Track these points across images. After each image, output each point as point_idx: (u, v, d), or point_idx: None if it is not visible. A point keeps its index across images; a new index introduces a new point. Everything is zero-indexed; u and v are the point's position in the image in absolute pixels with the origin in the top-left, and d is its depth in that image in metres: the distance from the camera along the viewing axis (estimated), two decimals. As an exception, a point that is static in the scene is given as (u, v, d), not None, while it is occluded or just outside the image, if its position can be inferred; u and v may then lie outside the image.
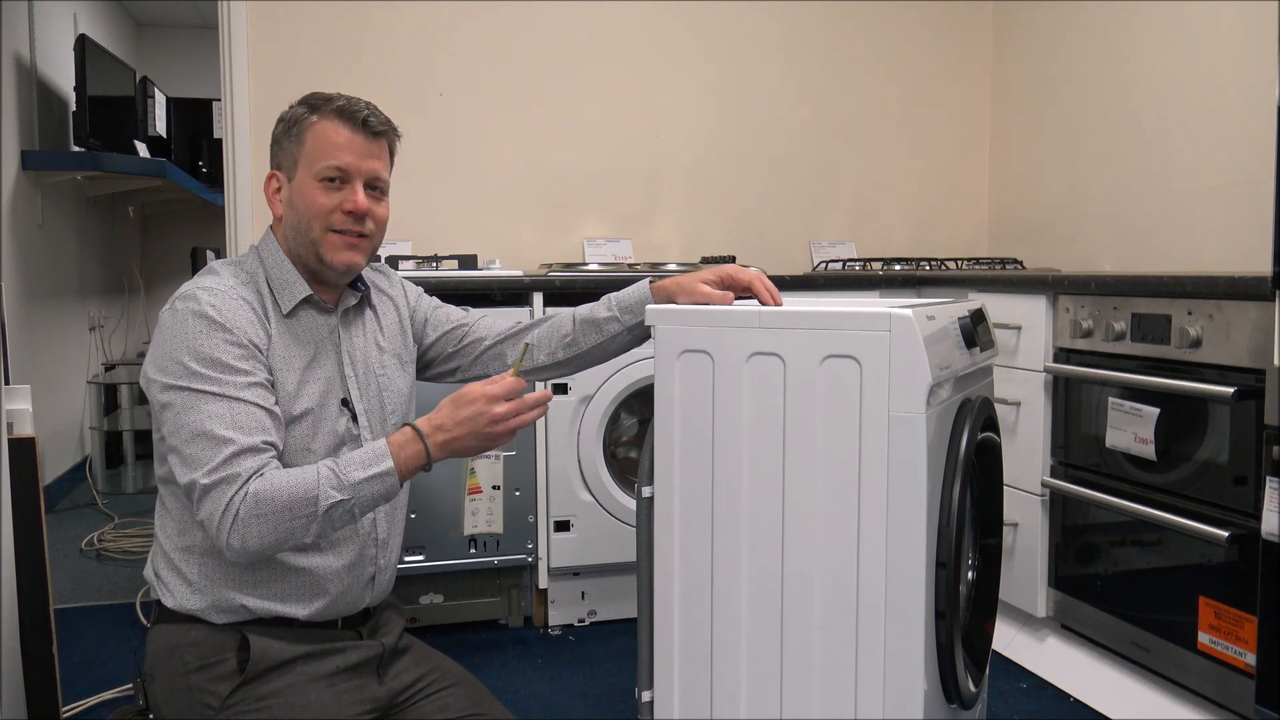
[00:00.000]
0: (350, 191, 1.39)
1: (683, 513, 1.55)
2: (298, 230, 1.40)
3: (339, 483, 1.27)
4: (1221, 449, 1.89)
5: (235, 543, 1.24)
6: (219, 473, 1.25)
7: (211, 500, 1.24)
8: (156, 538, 1.43)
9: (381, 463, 1.30)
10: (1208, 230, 2.61)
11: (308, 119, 1.39)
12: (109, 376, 4.70)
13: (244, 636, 1.34)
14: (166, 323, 1.33)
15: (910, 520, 1.37)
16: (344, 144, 1.38)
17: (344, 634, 1.43)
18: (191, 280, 1.38)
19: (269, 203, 1.44)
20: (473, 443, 1.35)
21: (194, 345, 1.29)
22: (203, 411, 1.27)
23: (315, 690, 1.34)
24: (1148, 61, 2.80)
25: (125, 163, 4.26)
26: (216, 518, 1.24)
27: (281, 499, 1.25)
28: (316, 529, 1.27)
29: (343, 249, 1.40)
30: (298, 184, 1.39)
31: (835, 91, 3.41)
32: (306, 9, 2.91)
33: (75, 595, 2.94)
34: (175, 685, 1.33)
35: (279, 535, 1.25)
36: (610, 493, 2.58)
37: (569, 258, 3.18)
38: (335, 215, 1.39)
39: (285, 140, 1.41)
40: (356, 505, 1.29)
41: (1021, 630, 2.45)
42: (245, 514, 1.24)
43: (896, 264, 3.04)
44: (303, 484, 1.26)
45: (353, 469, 1.29)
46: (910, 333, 1.35)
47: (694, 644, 1.55)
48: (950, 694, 1.49)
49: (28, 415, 1.83)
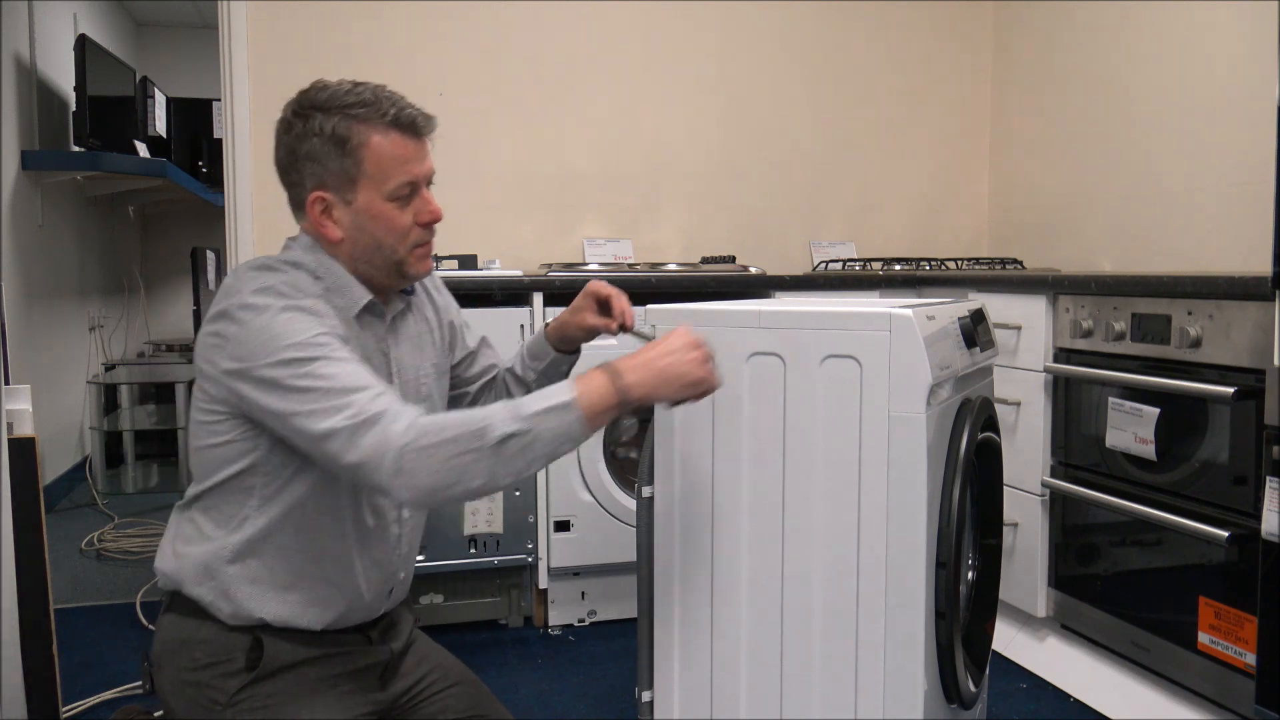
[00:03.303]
0: (422, 201, 1.34)
1: (683, 513, 1.55)
2: (372, 253, 1.32)
3: (514, 414, 1.18)
4: (1221, 449, 1.89)
5: (402, 481, 1.14)
6: (370, 409, 1.16)
7: (369, 438, 1.15)
8: (179, 536, 1.37)
9: (561, 394, 1.20)
10: (1208, 230, 2.61)
11: (358, 135, 1.28)
12: (109, 376, 4.69)
13: (256, 637, 1.32)
14: (254, 323, 1.22)
15: (910, 520, 1.37)
16: (410, 156, 1.31)
17: (355, 638, 1.42)
18: (255, 279, 1.27)
19: (319, 227, 1.32)
20: (675, 376, 1.24)
21: (296, 334, 1.21)
22: (328, 367, 1.19)
23: (320, 691, 1.34)
24: (1148, 61, 2.80)
25: (125, 163, 4.26)
26: (376, 455, 1.14)
27: (450, 430, 1.15)
28: (488, 466, 1.16)
29: (424, 260, 1.36)
30: (365, 207, 1.30)
31: (835, 91, 3.41)
32: (306, 9, 2.91)
33: (75, 595, 2.94)
34: (183, 678, 1.32)
35: (449, 473, 1.15)
36: (610, 493, 2.58)
37: (569, 258, 3.18)
38: (415, 231, 1.33)
39: (330, 159, 1.29)
40: (536, 440, 1.18)
41: (1021, 630, 2.45)
42: (410, 447, 1.14)
43: (896, 264, 3.04)
44: (472, 415, 1.18)
45: (530, 402, 1.19)
46: (910, 333, 1.35)
47: (694, 644, 1.55)
48: (950, 694, 1.49)
49: (28, 415, 1.83)
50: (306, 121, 1.30)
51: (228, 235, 2.90)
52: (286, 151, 1.32)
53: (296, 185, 1.33)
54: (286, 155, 1.32)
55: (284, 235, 1.40)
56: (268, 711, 1.30)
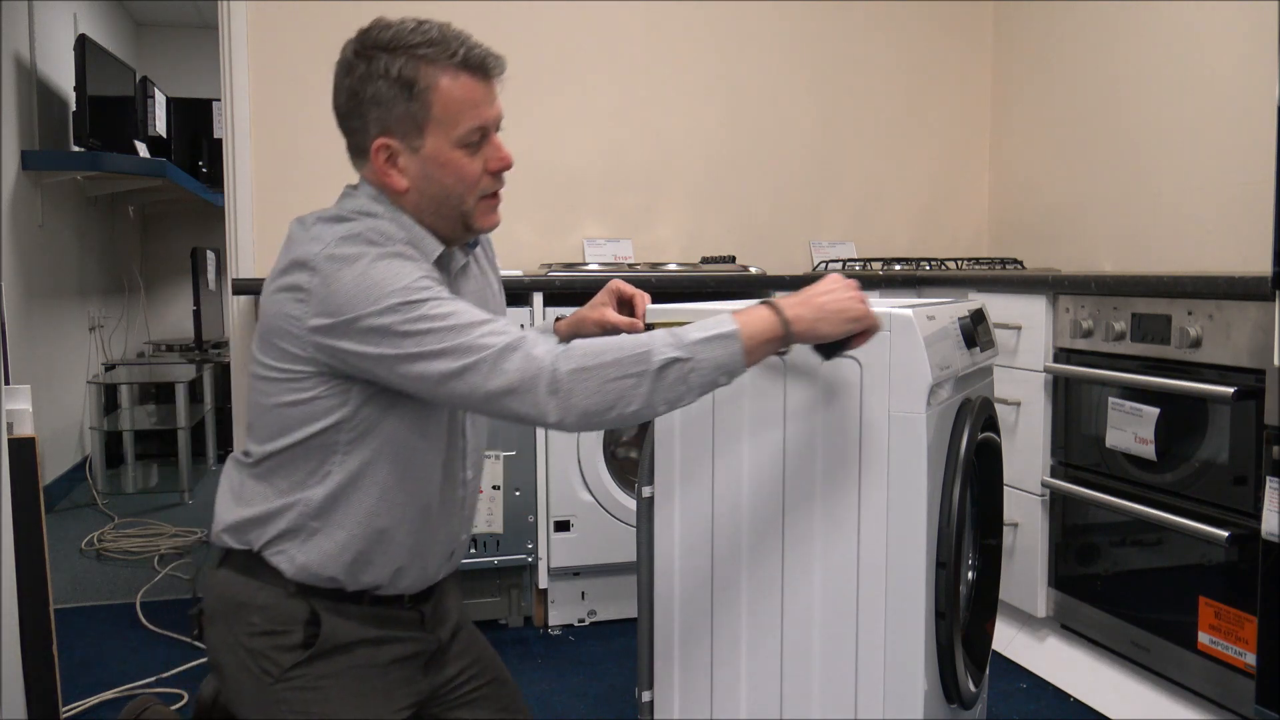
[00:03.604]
0: (491, 147, 1.28)
1: (683, 513, 1.55)
2: (439, 202, 1.26)
3: (676, 341, 1.14)
4: (1221, 449, 1.89)
5: (558, 402, 1.11)
6: (506, 334, 1.13)
7: (513, 363, 1.12)
8: (243, 494, 1.30)
9: (724, 325, 1.16)
10: (1208, 230, 2.61)
11: (425, 77, 1.21)
12: (109, 376, 4.70)
13: (313, 610, 1.28)
14: (346, 274, 1.16)
15: (910, 520, 1.37)
16: (480, 99, 1.25)
17: (408, 615, 1.37)
18: (333, 229, 1.21)
19: (383, 175, 1.25)
20: (837, 310, 1.20)
21: (399, 279, 1.15)
22: (442, 307, 1.14)
23: (369, 680, 1.31)
24: (1148, 62, 2.80)
25: (125, 163, 4.26)
26: (527, 378, 1.11)
27: (609, 353, 1.12)
28: (646, 391, 1.13)
29: (492, 212, 1.31)
30: (433, 154, 1.24)
31: (835, 91, 3.41)
32: (306, 9, 2.91)
33: (75, 595, 2.94)
34: (238, 641, 1.28)
35: (607, 395, 1.12)
36: (610, 493, 2.58)
37: (569, 258, 3.18)
38: (484, 180, 1.28)
39: (395, 103, 1.21)
40: (695, 371, 1.14)
41: (1021, 630, 2.45)
42: (565, 368, 1.11)
43: (896, 264, 3.04)
44: (631, 340, 1.14)
45: (691, 330, 1.16)
46: (910, 333, 1.35)
47: (694, 644, 1.55)
48: (950, 694, 1.49)
49: (28, 415, 1.83)
50: (370, 63, 1.22)
51: (228, 235, 2.90)
52: (348, 95, 1.25)
53: (358, 132, 1.26)
54: (348, 99, 1.25)
55: (284, 235, 1.36)
56: (317, 694, 1.27)
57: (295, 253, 1.21)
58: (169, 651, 2.48)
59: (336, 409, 1.23)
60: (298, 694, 1.27)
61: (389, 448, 1.26)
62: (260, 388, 1.27)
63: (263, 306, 1.27)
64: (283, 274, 1.22)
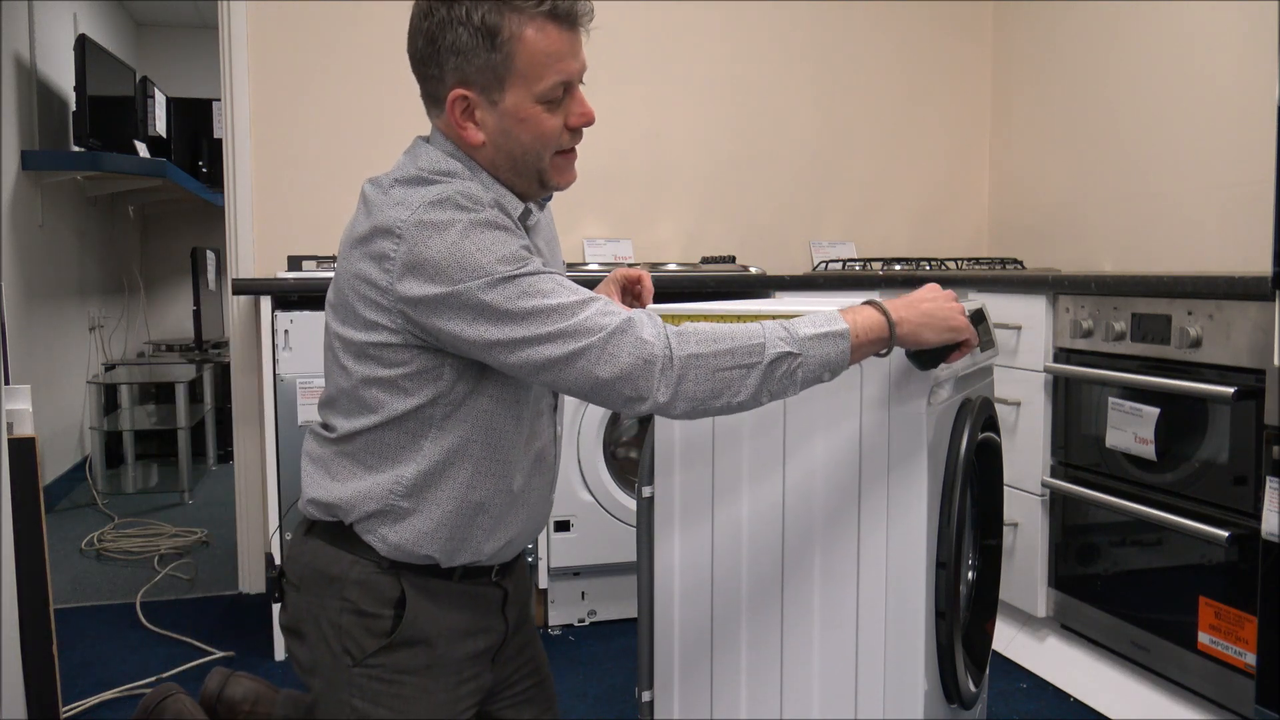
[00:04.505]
0: (574, 102, 1.22)
1: (683, 513, 1.55)
2: (516, 159, 1.21)
3: (788, 335, 1.12)
4: (1221, 449, 1.89)
5: (675, 387, 1.08)
6: (613, 315, 1.09)
7: (625, 347, 1.08)
8: (331, 469, 1.27)
9: (835, 322, 1.14)
10: (1208, 230, 2.61)
11: (510, 26, 1.14)
12: (109, 376, 4.70)
13: (402, 590, 1.25)
14: (438, 242, 1.10)
15: (910, 520, 1.37)
16: (565, 51, 1.18)
17: (492, 593, 1.35)
18: (418, 193, 1.15)
19: (459, 128, 1.19)
20: (940, 318, 1.20)
21: (496, 251, 1.10)
22: (544, 283, 1.10)
23: (442, 677, 1.29)
24: (1148, 62, 2.80)
25: (125, 163, 4.26)
26: (641, 363, 1.08)
27: (724, 341, 1.09)
28: (755, 383, 1.11)
29: (567, 170, 1.26)
30: (512, 109, 1.18)
31: (835, 91, 3.41)
32: (306, 9, 2.90)
33: (75, 595, 2.94)
34: (326, 613, 1.26)
35: (717, 384, 1.09)
36: (610, 493, 2.58)
37: (569, 258, 3.18)
38: (563, 136, 1.23)
39: (476, 53, 1.15)
40: (802, 367, 1.12)
41: (1021, 630, 2.45)
42: (681, 353, 1.08)
43: (896, 264, 3.04)
44: (745, 329, 1.11)
45: (802, 325, 1.13)
46: (910, 333, 1.35)
47: (694, 644, 1.55)
48: (950, 694, 1.49)
49: (28, 415, 1.83)
50: (451, 8, 1.16)
51: (228, 235, 2.90)
52: (426, 40, 1.19)
53: (434, 80, 1.20)
54: (426, 45, 1.19)
55: (284, 235, 1.35)
56: (389, 688, 1.26)
57: (377, 218, 1.16)
58: (169, 651, 2.48)
59: (430, 383, 1.19)
60: (372, 683, 1.25)
61: (483, 420, 1.23)
62: (344, 362, 1.22)
63: (339, 277, 1.22)
64: (364, 241, 1.16)
